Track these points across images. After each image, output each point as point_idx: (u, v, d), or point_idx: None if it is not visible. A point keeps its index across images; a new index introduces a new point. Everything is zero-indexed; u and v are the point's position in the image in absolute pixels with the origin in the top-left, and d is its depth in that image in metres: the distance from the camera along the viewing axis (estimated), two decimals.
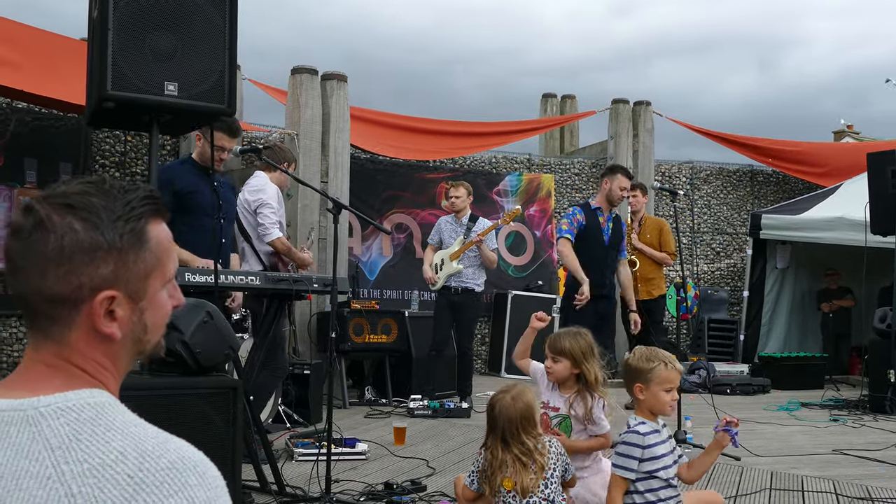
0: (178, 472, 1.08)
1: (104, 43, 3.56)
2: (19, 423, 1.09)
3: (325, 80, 9.20)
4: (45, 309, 1.17)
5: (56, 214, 1.16)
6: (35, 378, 1.17)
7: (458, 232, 7.86)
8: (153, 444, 1.10)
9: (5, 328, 8.04)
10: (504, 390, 3.43)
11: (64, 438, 1.08)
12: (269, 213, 5.87)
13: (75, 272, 1.16)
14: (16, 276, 1.18)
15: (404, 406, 7.56)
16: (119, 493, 1.04)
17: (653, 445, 3.28)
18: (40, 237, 1.16)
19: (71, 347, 1.19)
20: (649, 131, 11.95)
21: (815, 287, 11.68)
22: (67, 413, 1.10)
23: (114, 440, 1.09)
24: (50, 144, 8.23)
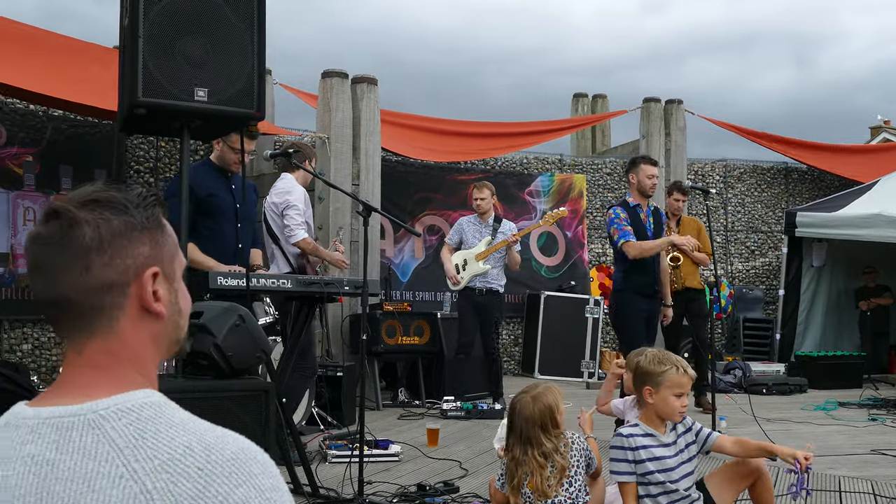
0: (241, 462, 1.11)
1: (135, 50, 3.61)
2: (81, 428, 1.12)
3: (356, 84, 9.23)
4: (92, 301, 1.20)
5: (84, 210, 1.20)
6: (85, 382, 1.19)
7: (484, 233, 7.83)
8: (213, 438, 1.13)
9: (44, 332, 8.14)
10: (525, 391, 3.43)
11: (129, 438, 1.10)
12: (295, 215, 5.93)
13: (119, 255, 1.20)
14: (52, 279, 1.20)
15: (437, 407, 7.57)
16: (192, 486, 1.07)
17: (644, 448, 3.25)
18: (75, 234, 1.18)
19: (120, 337, 1.21)
20: (681, 130, 11.87)
21: (852, 285, 11.53)
22: (128, 414, 1.13)
23: (178, 436, 1.12)
24: (85, 151, 8.33)
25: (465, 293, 7.81)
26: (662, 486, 3.24)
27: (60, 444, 1.11)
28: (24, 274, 7.93)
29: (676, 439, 3.33)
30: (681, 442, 3.34)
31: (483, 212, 7.87)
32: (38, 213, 8.05)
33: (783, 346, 11.18)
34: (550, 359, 10.50)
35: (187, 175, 4.05)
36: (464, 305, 7.84)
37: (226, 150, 5.35)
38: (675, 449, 3.31)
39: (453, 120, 11.08)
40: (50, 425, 1.13)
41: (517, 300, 11.15)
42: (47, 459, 1.10)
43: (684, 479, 3.29)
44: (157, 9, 3.67)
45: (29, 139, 8.01)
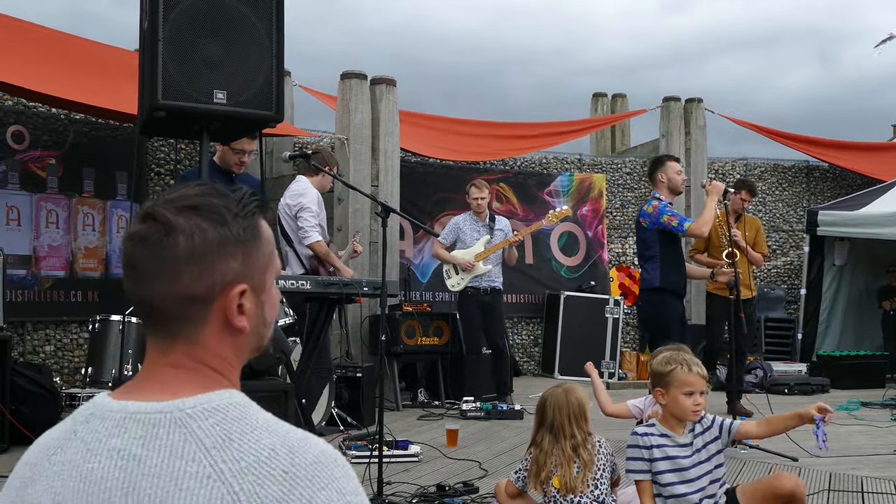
0: (324, 465, 1.12)
1: (154, 53, 3.63)
2: (168, 425, 1.12)
3: (374, 85, 9.25)
4: (178, 310, 1.20)
5: (182, 217, 1.19)
6: (169, 381, 1.19)
7: (482, 232, 7.81)
8: (296, 440, 1.14)
9: (66, 334, 8.21)
10: (556, 386, 3.46)
11: (216, 438, 1.11)
12: (309, 217, 5.96)
13: (209, 270, 1.20)
14: (144, 282, 1.20)
15: (457, 408, 7.57)
16: (277, 489, 1.08)
17: (658, 447, 3.24)
18: (170, 241, 1.18)
19: (203, 345, 1.22)
20: (701, 128, 11.82)
21: (875, 284, 11.44)
22: (214, 413, 1.14)
23: (263, 438, 1.12)
24: (107, 154, 8.39)
25: (468, 294, 7.77)
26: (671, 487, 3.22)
27: (147, 440, 1.12)
28: (47, 276, 8.00)
29: (693, 440, 3.31)
30: (698, 442, 3.32)
31: (481, 211, 7.85)
32: (60, 215, 8.12)
33: (805, 346, 11.11)
34: (570, 359, 10.46)
35: (207, 177, 4.07)
36: (469, 306, 7.80)
37: (226, 151, 5.39)
38: (692, 450, 3.29)
39: (472, 120, 11.09)
40: (136, 420, 1.14)
41: (537, 300, 11.14)
42: (134, 455, 1.11)
43: (701, 478, 3.27)
44: (177, 11, 3.69)
45: (52, 142, 8.08)
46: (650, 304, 6.69)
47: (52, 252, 8.04)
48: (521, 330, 11.23)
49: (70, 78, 7.19)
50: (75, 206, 8.23)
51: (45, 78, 7.02)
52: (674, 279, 6.52)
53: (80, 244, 8.26)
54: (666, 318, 6.47)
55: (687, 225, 6.41)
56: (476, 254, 7.74)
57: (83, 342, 8.10)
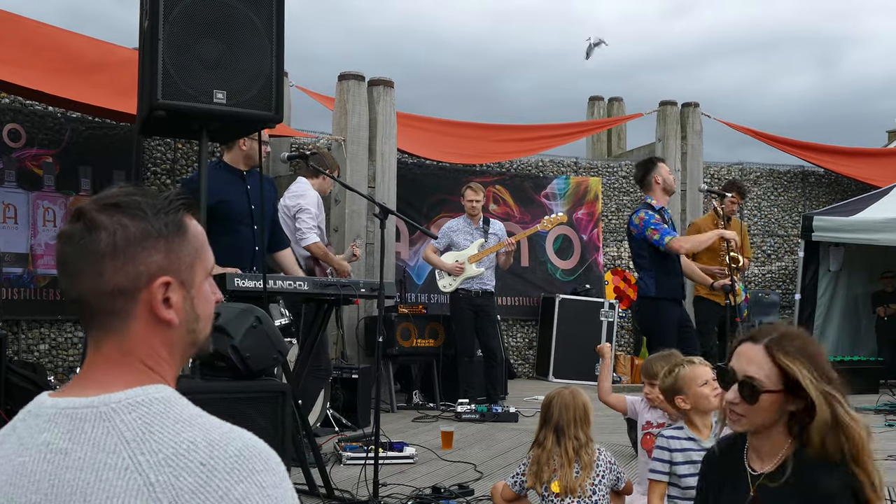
0: (245, 459, 1.15)
1: (154, 53, 3.63)
2: (93, 420, 1.16)
3: (372, 86, 9.25)
4: (105, 304, 1.24)
5: (104, 215, 1.24)
6: (102, 376, 1.23)
7: (475, 235, 7.82)
8: (219, 434, 1.17)
9: (60, 333, 8.19)
10: (562, 388, 3.48)
11: (137, 431, 1.14)
12: (307, 218, 5.96)
13: (132, 262, 1.23)
14: (73, 279, 1.24)
15: (452, 410, 7.57)
16: (193, 480, 1.11)
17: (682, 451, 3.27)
18: (93, 237, 1.22)
19: (132, 338, 1.25)
20: (698, 133, 11.84)
21: (870, 290, 11.47)
22: (138, 408, 1.17)
23: (183, 431, 1.15)
24: (104, 152, 8.38)
25: (460, 296, 7.78)
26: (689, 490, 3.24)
27: (74, 434, 1.15)
28: (43, 274, 7.99)
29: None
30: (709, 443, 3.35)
31: (476, 213, 7.85)
32: (57, 213, 8.10)
33: None
34: (565, 362, 10.48)
35: (206, 177, 4.07)
36: (461, 308, 7.81)
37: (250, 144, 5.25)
38: None
39: (469, 122, 11.10)
40: (65, 415, 1.18)
41: (532, 303, 11.14)
42: (61, 448, 1.15)
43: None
44: (177, 11, 3.69)
45: (48, 140, 8.06)
46: (646, 313, 6.70)
47: (48, 250, 8.02)
48: (516, 332, 11.23)
49: (67, 76, 7.17)
50: (72, 204, 8.22)
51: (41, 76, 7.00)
52: (669, 285, 6.49)
53: None
54: (663, 326, 6.45)
55: (668, 239, 6.34)
56: (469, 256, 7.75)
57: (77, 341, 8.08)
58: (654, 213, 6.48)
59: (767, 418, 2.16)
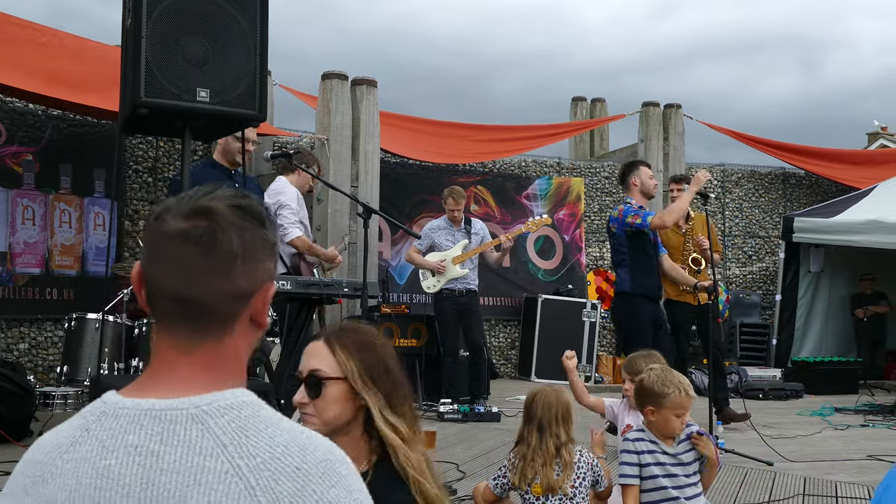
0: (332, 463, 1.16)
1: (137, 50, 3.61)
2: (185, 422, 1.14)
3: (355, 86, 9.24)
4: (223, 307, 1.22)
5: (234, 216, 1.22)
6: (182, 378, 1.20)
7: (458, 236, 7.81)
8: (305, 439, 1.17)
9: (40, 332, 8.14)
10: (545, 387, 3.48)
11: (233, 435, 1.13)
12: (288, 214, 5.95)
13: (256, 267, 1.23)
14: (192, 278, 1.20)
15: (434, 410, 7.56)
16: (291, 485, 1.11)
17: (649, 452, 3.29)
18: (225, 237, 1.20)
19: (229, 342, 1.24)
20: (680, 134, 11.89)
21: (849, 291, 11.55)
22: (229, 411, 1.16)
23: (276, 436, 1.15)
24: (84, 150, 8.33)
25: (444, 296, 7.77)
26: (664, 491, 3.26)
27: (164, 436, 1.13)
28: (22, 273, 7.92)
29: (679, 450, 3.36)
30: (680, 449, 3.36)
31: (457, 219, 7.84)
32: (37, 211, 8.04)
33: (780, 352, 11.19)
34: (547, 362, 10.48)
35: (188, 175, 4.05)
36: (446, 308, 7.80)
37: (229, 141, 5.32)
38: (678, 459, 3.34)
39: (453, 122, 11.10)
40: (152, 416, 1.15)
41: (514, 303, 11.15)
42: (151, 450, 1.12)
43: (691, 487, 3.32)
44: (160, 9, 3.67)
45: (28, 138, 8.01)
46: (622, 309, 6.74)
47: (27, 249, 7.97)
48: (499, 333, 11.24)
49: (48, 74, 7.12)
50: (52, 202, 8.16)
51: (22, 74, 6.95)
52: (645, 283, 6.54)
53: (57, 241, 8.19)
54: (638, 323, 6.50)
55: (650, 219, 6.41)
56: (453, 257, 7.75)
57: (57, 340, 8.03)
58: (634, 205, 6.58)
59: (339, 413, 2.01)
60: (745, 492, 4.82)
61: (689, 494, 3.30)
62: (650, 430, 3.36)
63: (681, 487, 3.29)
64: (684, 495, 3.28)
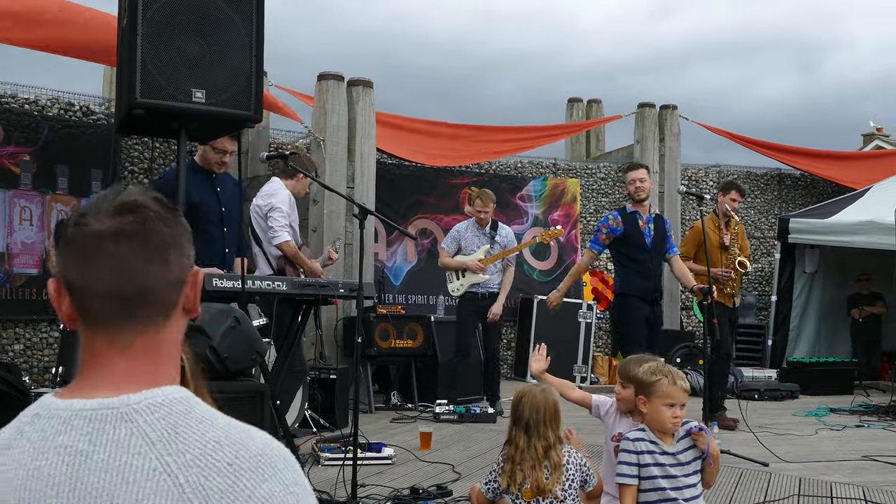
0: (267, 457, 1.15)
1: (133, 50, 3.60)
2: (114, 421, 1.14)
3: (352, 87, 9.24)
4: (167, 295, 1.23)
5: (157, 207, 1.24)
6: (117, 376, 1.20)
7: (483, 240, 7.83)
8: (239, 433, 1.17)
9: (35, 333, 8.12)
10: (531, 387, 3.47)
11: (162, 432, 1.13)
12: (279, 217, 5.96)
13: (184, 255, 1.26)
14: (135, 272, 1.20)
15: (430, 411, 7.57)
16: (222, 480, 1.10)
17: (649, 453, 3.27)
18: (157, 228, 1.22)
19: (166, 331, 1.24)
20: (676, 135, 11.90)
21: (844, 291, 11.57)
22: (160, 408, 1.15)
23: (207, 431, 1.15)
24: (81, 151, 8.32)
25: (467, 298, 7.80)
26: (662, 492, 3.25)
27: (94, 435, 1.13)
28: (19, 274, 7.91)
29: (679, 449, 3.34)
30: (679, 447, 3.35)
31: (486, 222, 7.85)
32: (34, 212, 8.03)
33: (775, 352, 11.21)
34: None
35: (184, 176, 4.05)
36: (466, 310, 7.83)
37: (207, 150, 5.36)
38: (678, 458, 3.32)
39: (448, 123, 11.08)
40: (82, 417, 1.15)
41: (510, 304, 11.13)
42: (81, 450, 1.12)
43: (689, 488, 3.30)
44: (156, 8, 3.66)
45: (25, 138, 7.99)
46: (616, 308, 7.04)
47: (25, 249, 7.95)
48: None
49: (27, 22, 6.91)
50: (49, 203, 8.14)
51: None
52: (636, 284, 6.73)
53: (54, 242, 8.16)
54: (630, 322, 6.73)
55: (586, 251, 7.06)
56: (477, 260, 7.77)
57: (53, 341, 8.02)
58: (618, 217, 6.89)
59: None
60: (740, 492, 4.83)
61: (687, 496, 3.29)
62: (649, 429, 3.35)
63: (679, 489, 3.28)
64: (683, 497, 3.27)
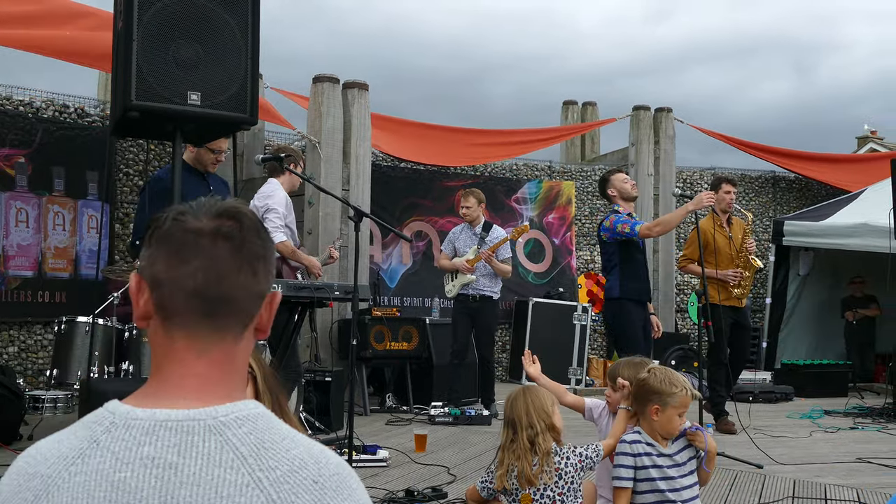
0: (344, 476, 1.16)
1: (129, 54, 3.62)
2: (202, 433, 1.12)
3: (347, 89, 9.25)
4: (249, 304, 1.24)
5: (255, 219, 1.27)
6: (196, 382, 1.19)
7: (473, 241, 7.85)
8: (318, 452, 1.17)
9: (30, 335, 8.12)
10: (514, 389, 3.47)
11: (252, 447, 1.12)
12: (274, 218, 5.97)
13: (271, 272, 1.27)
14: (222, 275, 1.20)
15: (425, 413, 7.57)
16: (310, 498, 1.11)
17: (647, 455, 3.28)
18: (252, 237, 1.24)
19: (240, 345, 1.24)
20: (670, 138, 11.92)
21: (838, 294, 11.59)
22: (246, 422, 1.15)
23: (292, 448, 1.15)
24: (76, 153, 8.31)
25: (459, 300, 7.83)
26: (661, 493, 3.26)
27: (182, 447, 1.11)
28: (14, 276, 7.90)
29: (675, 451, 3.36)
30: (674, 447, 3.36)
31: (471, 220, 7.88)
32: (30, 214, 8.02)
33: (769, 355, 11.23)
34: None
35: (180, 179, 4.06)
36: (458, 312, 7.86)
37: (202, 151, 5.36)
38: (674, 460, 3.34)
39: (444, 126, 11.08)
40: (167, 428, 1.12)
41: (505, 306, 11.15)
42: (169, 463, 1.09)
43: (687, 489, 3.32)
44: (152, 12, 3.68)
45: (19, 140, 7.98)
46: (612, 314, 6.90)
47: (21, 251, 7.94)
48: None
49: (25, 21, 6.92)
50: (45, 205, 8.14)
51: None
52: (634, 287, 6.71)
53: (50, 244, 8.17)
54: (628, 326, 6.69)
55: (638, 228, 6.62)
56: (465, 261, 7.78)
57: (47, 343, 8.01)
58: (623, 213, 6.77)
59: None
60: (734, 494, 4.84)
61: (685, 497, 3.30)
62: (645, 432, 3.36)
63: (677, 490, 3.29)
64: (681, 498, 3.28)
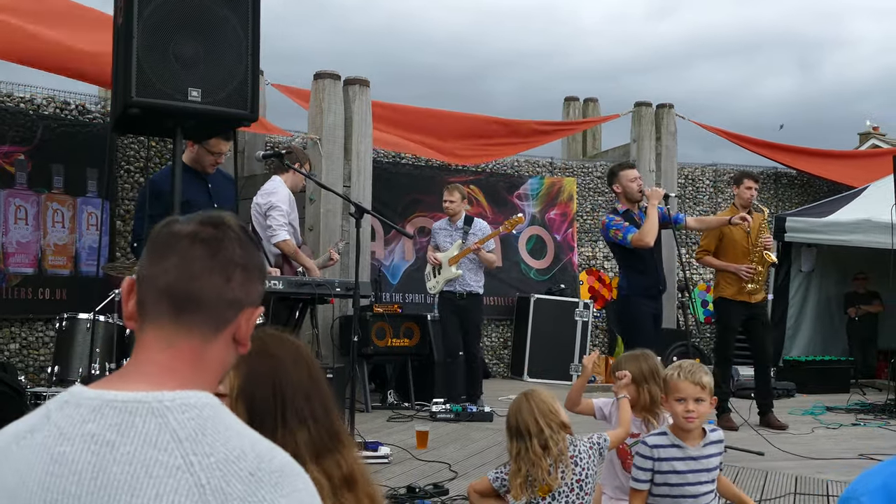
0: (287, 475, 1.18)
1: (129, 50, 3.61)
2: (144, 414, 1.15)
3: (348, 85, 9.23)
4: (219, 309, 1.27)
5: (239, 231, 1.31)
6: (155, 373, 1.23)
7: (455, 236, 7.84)
8: (264, 448, 1.19)
9: (31, 332, 8.12)
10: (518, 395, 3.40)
11: (190, 432, 1.14)
12: (278, 216, 5.96)
13: (252, 283, 1.31)
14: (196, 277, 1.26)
15: (427, 410, 7.57)
16: (242, 487, 1.12)
17: (667, 460, 3.20)
18: (230, 245, 1.28)
19: (212, 348, 1.27)
20: (672, 134, 11.89)
21: (841, 290, 11.57)
22: (191, 409, 1.17)
23: (233, 439, 1.17)
24: (76, 150, 8.30)
25: (445, 297, 7.82)
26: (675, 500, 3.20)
27: (122, 427, 1.14)
28: (15, 273, 7.90)
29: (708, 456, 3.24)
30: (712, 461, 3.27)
31: (452, 214, 7.87)
32: (29, 211, 8.01)
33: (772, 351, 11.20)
34: (540, 362, 10.51)
35: (180, 176, 4.05)
36: (445, 310, 7.86)
37: (202, 152, 5.33)
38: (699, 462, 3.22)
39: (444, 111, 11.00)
40: (113, 408, 1.16)
41: (507, 303, 11.16)
42: (107, 440, 1.13)
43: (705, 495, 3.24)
44: (152, 8, 3.67)
45: (20, 138, 7.97)
46: (618, 310, 7.04)
47: (20, 249, 7.94)
48: (491, 332, 11.24)
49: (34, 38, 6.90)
50: (45, 202, 8.13)
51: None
52: (640, 283, 6.69)
53: (50, 241, 8.16)
54: (633, 322, 6.69)
55: (630, 237, 6.53)
56: (449, 258, 7.76)
57: (49, 340, 8.01)
58: (617, 215, 6.74)
59: None
60: None
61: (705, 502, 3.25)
62: (672, 432, 3.27)
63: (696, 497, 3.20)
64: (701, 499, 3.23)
